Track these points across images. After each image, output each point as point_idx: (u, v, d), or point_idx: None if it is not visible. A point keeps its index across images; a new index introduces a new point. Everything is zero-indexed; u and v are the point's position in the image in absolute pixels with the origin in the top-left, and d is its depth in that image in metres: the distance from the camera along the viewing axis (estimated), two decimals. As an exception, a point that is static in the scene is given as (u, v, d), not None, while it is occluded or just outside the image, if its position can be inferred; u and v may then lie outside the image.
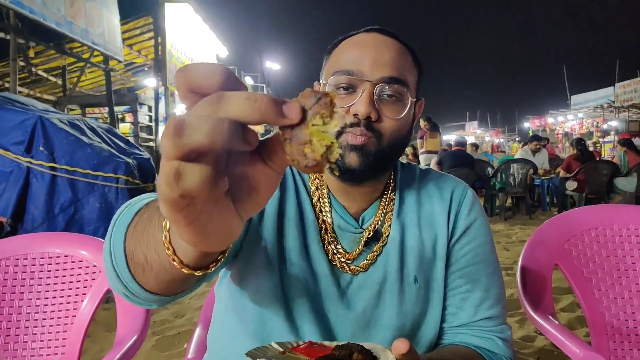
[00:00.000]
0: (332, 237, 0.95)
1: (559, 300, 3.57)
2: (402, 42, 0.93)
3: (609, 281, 1.42)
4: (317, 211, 0.96)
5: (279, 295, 0.90)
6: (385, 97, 0.87)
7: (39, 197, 3.54)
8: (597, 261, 1.44)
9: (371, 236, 0.95)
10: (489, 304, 0.98)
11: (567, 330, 1.24)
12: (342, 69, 0.88)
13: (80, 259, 1.41)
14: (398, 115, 0.88)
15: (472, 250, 0.99)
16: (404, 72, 0.89)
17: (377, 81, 0.86)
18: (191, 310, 3.51)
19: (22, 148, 3.53)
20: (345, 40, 0.95)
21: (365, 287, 0.94)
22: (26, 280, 1.39)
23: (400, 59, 0.90)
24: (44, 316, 1.36)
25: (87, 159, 3.68)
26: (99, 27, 7.38)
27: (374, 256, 0.95)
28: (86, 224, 3.62)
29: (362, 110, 0.84)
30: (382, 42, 0.90)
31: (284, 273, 0.91)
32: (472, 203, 1.03)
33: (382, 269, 0.94)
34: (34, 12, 5.40)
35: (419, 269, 0.96)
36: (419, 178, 1.05)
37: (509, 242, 6.02)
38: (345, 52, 0.91)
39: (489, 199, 8.57)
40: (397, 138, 0.90)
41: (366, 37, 0.92)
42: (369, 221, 0.97)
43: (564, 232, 1.47)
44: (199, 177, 0.33)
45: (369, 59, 0.87)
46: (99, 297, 1.37)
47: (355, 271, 0.94)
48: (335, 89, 0.88)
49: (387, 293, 0.94)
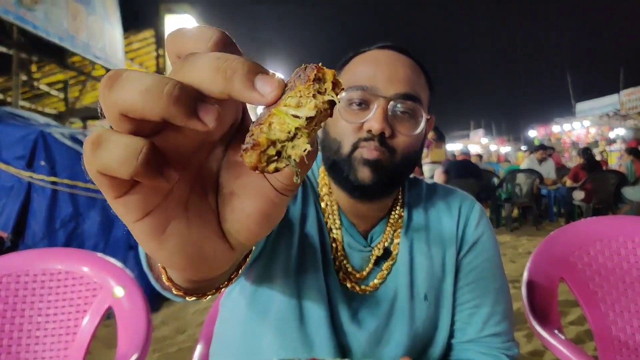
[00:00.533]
0: (342, 256, 0.94)
1: (567, 313, 3.53)
2: (415, 60, 0.94)
3: (615, 294, 1.41)
4: (327, 228, 0.96)
5: (294, 308, 0.90)
6: (398, 113, 0.88)
7: (39, 211, 3.53)
8: (602, 274, 1.43)
9: (381, 255, 0.95)
10: (496, 320, 0.97)
11: (573, 346, 1.22)
12: (356, 84, 0.88)
13: (81, 275, 1.40)
14: (411, 132, 0.88)
15: (480, 265, 0.99)
16: (417, 89, 0.90)
17: (391, 97, 0.86)
18: (193, 326, 3.49)
19: (23, 163, 3.52)
20: (358, 56, 0.95)
21: (376, 306, 0.93)
22: (27, 297, 1.37)
23: (413, 76, 0.90)
24: (45, 333, 1.35)
25: (88, 172, 3.67)
26: (100, 41, 7.43)
27: (384, 275, 0.95)
28: (87, 239, 3.61)
29: (376, 127, 0.84)
30: (396, 59, 0.91)
31: (301, 285, 0.91)
32: (480, 217, 1.03)
33: (392, 288, 0.94)
34: (37, 27, 5.45)
35: (428, 286, 0.95)
36: (426, 193, 1.05)
37: (515, 254, 5.97)
38: (358, 67, 0.92)
39: (494, 209, 8.50)
40: (410, 154, 0.90)
41: (379, 53, 0.92)
42: (378, 239, 0.97)
43: (568, 245, 1.45)
44: (122, 151, 0.25)
45: (383, 75, 0.88)
46: (100, 314, 1.36)
47: (365, 291, 0.94)
48: (348, 104, 0.88)
49: (398, 312, 0.93)
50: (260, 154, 0.27)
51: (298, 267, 0.91)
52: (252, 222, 0.34)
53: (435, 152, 9.65)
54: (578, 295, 1.41)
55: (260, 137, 0.27)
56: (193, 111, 0.26)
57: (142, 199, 0.29)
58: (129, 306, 1.34)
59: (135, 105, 0.25)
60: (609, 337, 1.37)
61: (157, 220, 0.31)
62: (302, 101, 0.27)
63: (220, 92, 0.27)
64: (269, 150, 0.27)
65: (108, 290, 1.37)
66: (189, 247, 0.32)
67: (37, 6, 5.42)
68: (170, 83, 0.26)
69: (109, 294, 1.37)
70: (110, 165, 0.26)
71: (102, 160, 0.26)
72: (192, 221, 0.32)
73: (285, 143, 0.27)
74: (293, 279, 0.90)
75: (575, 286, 1.41)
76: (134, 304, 1.34)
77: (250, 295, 0.94)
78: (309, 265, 0.92)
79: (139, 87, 0.25)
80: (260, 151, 0.27)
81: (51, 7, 5.76)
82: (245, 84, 0.26)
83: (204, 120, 0.26)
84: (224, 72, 0.26)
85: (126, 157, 0.25)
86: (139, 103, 0.25)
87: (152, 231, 0.31)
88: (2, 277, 1.38)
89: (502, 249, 6.13)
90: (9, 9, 4.88)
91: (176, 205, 0.32)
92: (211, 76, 0.26)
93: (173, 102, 0.25)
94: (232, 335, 0.98)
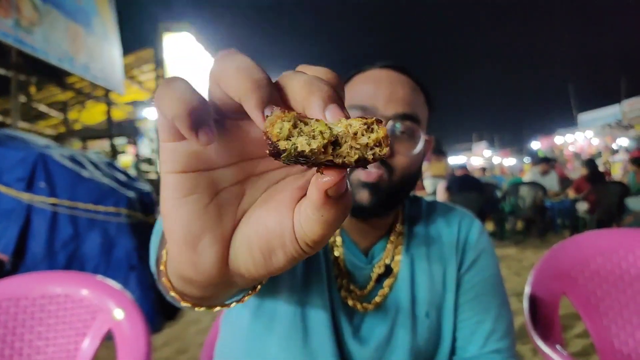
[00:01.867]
0: (345, 274, 0.95)
1: (573, 327, 3.51)
2: (415, 79, 0.95)
3: (617, 307, 1.40)
4: (329, 246, 0.96)
5: (299, 324, 0.90)
6: (397, 133, 0.88)
7: (39, 233, 3.53)
8: (604, 287, 1.42)
9: (382, 272, 0.95)
10: (498, 337, 0.97)
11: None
12: (356, 103, 0.89)
13: (80, 298, 1.40)
14: (410, 152, 0.89)
15: (481, 282, 0.99)
16: (416, 109, 0.91)
17: (391, 117, 0.87)
18: (195, 346, 3.46)
19: (23, 184, 3.53)
20: (359, 75, 0.96)
21: (378, 324, 0.93)
22: (26, 321, 1.37)
23: (413, 96, 0.91)
24: (45, 357, 1.35)
25: (88, 193, 3.68)
26: (100, 62, 7.48)
27: (385, 292, 0.95)
28: (87, 260, 3.60)
29: None
30: (396, 79, 0.91)
31: (306, 302, 0.91)
32: (480, 234, 1.03)
33: (393, 306, 0.94)
34: (36, 49, 5.49)
35: (430, 303, 0.96)
36: (426, 211, 1.06)
37: (520, 266, 5.94)
38: (358, 86, 0.93)
39: (498, 222, 8.44)
40: (409, 174, 0.91)
41: (380, 73, 0.93)
42: (379, 256, 0.97)
43: (569, 260, 1.45)
44: (179, 94, 0.29)
45: (383, 95, 0.89)
46: (100, 336, 1.36)
47: (367, 309, 0.94)
48: None
49: (400, 329, 0.93)
50: (278, 118, 0.28)
51: (303, 284, 0.92)
52: (257, 249, 0.34)
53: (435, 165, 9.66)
54: (580, 309, 1.40)
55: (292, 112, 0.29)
56: (262, 104, 0.29)
57: (183, 155, 0.32)
58: (128, 328, 1.33)
59: (227, 76, 0.30)
60: (611, 350, 1.36)
61: (186, 183, 0.33)
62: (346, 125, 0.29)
63: (298, 102, 0.30)
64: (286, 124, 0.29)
65: (108, 313, 1.37)
66: (192, 226, 0.34)
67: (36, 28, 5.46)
68: (262, 74, 0.30)
69: (108, 317, 1.36)
70: (164, 103, 0.29)
71: (163, 96, 0.29)
72: (210, 208, 0.34)
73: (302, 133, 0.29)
74: (297, 296, 0.91)
75: (577, 300, 1.41)
76: (133, 326, 1.33)
77: (255, 309, 0.94)
78: (313, 282, 0.92)
79: (239, 65, 0.30)
80: (282, 117, 0.29)
81: (50, 28, 5.81)
82: (320, 104, 0.29)
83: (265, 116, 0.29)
84: (310, 87, 0.30)
85: (177, 100, 0.29)
86: (231, 76, 0.29)
87: (177, 189, 0.33)
88: (1, 302, 1.37)
89: (507, 262, 6.11)
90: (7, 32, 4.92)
91: (209, 185, 0.34)
92: (300, 87, 0.30)
93: (253, 89, 0.29)
94: (235, 352, 0.97)
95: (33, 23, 5.45)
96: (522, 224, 8.72)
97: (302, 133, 0.29)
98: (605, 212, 7.45)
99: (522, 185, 8.16)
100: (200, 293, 0.42)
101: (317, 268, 0.93)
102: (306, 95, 0.29)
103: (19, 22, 5.15)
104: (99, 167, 4.17)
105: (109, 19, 8.05)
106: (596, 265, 1.44)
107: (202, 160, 0.33)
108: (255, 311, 0.93)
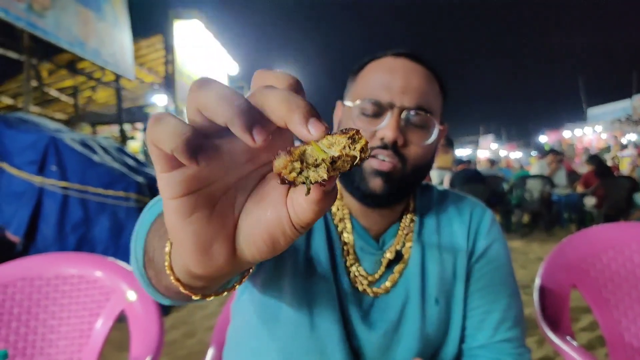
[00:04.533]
0: (354, 259, 0.95)
1: (579, 320, 3.52)
2: (429, 67, 0.94)
3: (628, 301, 1.40)
4: (338, 231, 0.97)
5: (304, 312, 0.90)
6: (411, 123, 0.89)
7: (50, 216, 3.56)
8: (615, 281, 1.42)
9: (392, 258, 0.96)
10: (508, 326, 0.97)
11: (585, 352, 1.22)
12: (370, 93, 0.89)
13: (94, 279, 1.41)
14: (424, 142, 0.90)
15: (491, 272, 0.99)
16: (430, 99, 0.91)
17: (405, 108, 0.87)
18: (202, 330, 3.50)
19: (35, 168, 3.56)
20: (373, 63, 0.95)
21: (387, 309, 0.94)
22: (41, 301, 1.39)
23: (427, 86, 0.91)
24: (58, 336, 1.36)
25: (98, 177, 3.71)
26: (110, 47, 7.48)
27: (396, 278, 0.95)
28: (97, 243, 3.63)
29: (389, 135, 0.86)
30: (411, 69, 0.91)
31: (310, 289, 0.91)
32: (491, 224, 1.03)
33: (403, 291, 0.94)
34: (47, 33, 5.49)
35: (439, 290, 0.96)
36: (437, 199, 1.06)
37: (526, 259, 5.94)
38: (373, 76, 0.92)
39: (504, 215, 8.45)
40: (421, 164, 0.91)
41: (395, 62, 0.92)
42: (390, 243, 0.97)
43: (581, 252, 1.45)
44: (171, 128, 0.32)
45: (398, 85, 0.88)
46: (113, 317, 1.37)
47: (377, 294, 0.94)
48: (361, 112, 0.90)
49: (409, 315, 0.94)
50: (288, 162, 0.33)
51: (306, 271, 0.92)
52: (261, 241, 0.38)
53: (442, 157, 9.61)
54: (591, 302, 1.40)
55: (295, 150, 0.34)
56: (249, 127, 0.31)
57: (182, 180, 0.35)
58: (141, 309, 1.35)
59: (209, 105, 0.32)
60: (621, 343, 1.36)
61: (188, 204, 0.36)
62: (334, 143, 0.34)
63: (280, 118, 0.33)
64: (296, 164, 0.34)
65: (121, 294, 1.38)
66: (202, 237, 0.37)
67: (47, 12, 5.46)
68: (242, 99, 0.32)
69: (121, 298, 1.38)
70: (160, 138, 0.32)
71: (156, 132, 0.32)
72: (214, 218, 0.37)
73: (310, 167, 0.34)
74: (301, 284, 0.91)
75: (588, 293, 1.41)
76: (146, 307, 1.35)
77: (259, 301, 0.95)
78: (317, 269, 0.92)
79: (218, 93, 0.32)
80: (290, 160, 0.33)
81: (61, 12, 5.81)
82: (301, 120, 0.32)
83: (254, 137, 0.32)
84: (289, 104, 0.32)
85: (173, 134, 0.31)
86: (213, 104, 0.32)
87: (180, 212, 0.36)
88: (17, 281, 1.39)
89: (513, 255, 6.05)
90: (20, 15, 4.93)
91: (208, 199, 0.37)
92: (278, 104, 0.33)
93: (237, 114, 0.31)
94: (244, 341, 0.99)
95: (45, 7, 5.45)
96: (529, 217, 8.69)
97: (308, 166, 0.34)
98: (613, 206, 7.42)
99: (529, 178, 8.12)
100: (208, 284, 0.46)
101: (321, 255, 0.93)
102: (286, 112, 0.32)
103: (31, 6, 5.15)
104: (109, 152, 4.19)
105: (119, 5, 8.04)
106: (608, 258, 1.44)
107: (199, 180, 0.36)
108: (259, 303, 0.94)
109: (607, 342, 1.37)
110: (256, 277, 0.94)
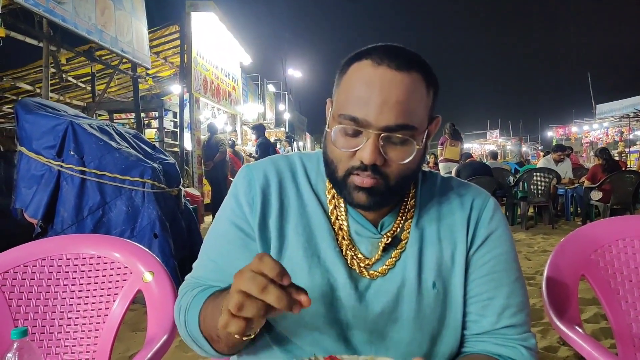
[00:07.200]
0: (349, 243, 0.96)
1: (583, 311, 3.52)
2: (412, 68, 0.87)
3: (637, 293, 1.41)
4: (333, 219, 0.98)
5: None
6: (392, 142, 0.86)
7: (68, 199, 3.63)
8: (624, 272, 1.43)
9: (390, 242, 0.96)
10: (512, 312, 0.96)
11: (594, 341, 1.23)
12: (348, 113, 0.86)
13: (112, 260, 1.45)
14: (404, 159, 0.87)
15: (494, 259, 0.98)
16: (411, 114, 0.86)
17: (383, 129, 0.84)
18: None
19: (53, 152, 3.62)
20: (354, 67, 0.89)
21: (384, 291, 0.95)
22: (60, 280, 1.43)
23: (409, 97, 0.85)
24: (77, 315, 1.40)
25: (115, 163, 3.76)
26: (127, 35, 7.53)
27: (393, 262, 0.96)
28: (113, 227, 3.70)
29: (367, 158, 0.84)
30: (390, 81, 0.85)
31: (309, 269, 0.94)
32: (494, 212, 1.02)
33: (400, 275, 0.95)
34: (66, 20, 5.54)
35: (437, 275, 0.96)
36: (440, 186, 1.05)
37: (530, 251, 5.91)
38: (352, 87, 0.88)
39: (510, 207, 8.50)
40: (405, 177, 0.90)
41: (374, 73, 0.86)
42: (388, 227, 0.98)
43: (590, 243, 1.46)
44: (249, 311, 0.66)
45: (375, 103, 0.84)
46: (130, 298, 1.41)
47: (373, 276, 0.95)
48: (341, 132, 0.88)
49: (405, 298, 0.94)
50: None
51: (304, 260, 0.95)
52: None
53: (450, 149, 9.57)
54: (599, 292, 1.41)
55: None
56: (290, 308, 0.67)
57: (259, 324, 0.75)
58: (157, 290, 1.38)
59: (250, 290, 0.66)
60: (629, 335, 1.37)
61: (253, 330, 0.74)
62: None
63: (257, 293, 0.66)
64: None
65: (138, 275, 1.42)
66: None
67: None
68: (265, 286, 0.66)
69: (138, 279, 1.42)
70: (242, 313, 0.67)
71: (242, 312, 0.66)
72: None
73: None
74: (299, 273, 0.93)
75: (597, 284, 1.42)
76: (162, 288, 1.39)
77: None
78: (315, 255, 0.95)
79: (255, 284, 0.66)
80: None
81: (80, 1, 5.86)
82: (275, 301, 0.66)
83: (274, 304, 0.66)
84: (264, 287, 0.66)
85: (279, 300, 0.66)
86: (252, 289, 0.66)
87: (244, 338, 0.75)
88: (37, 260, 1.43)
89: (517, 247, 6.07)
90: (39, 1, 4.98)
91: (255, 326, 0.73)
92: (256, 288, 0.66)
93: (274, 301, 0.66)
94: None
95: (64, -7, 5.50)
96: (534, 209, 8.67)
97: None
98: (620, 200, 7.39)
99: (535, 172, 8.11)
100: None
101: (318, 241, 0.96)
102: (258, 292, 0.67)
103: (51, -8, 5.20)
104: (126, 139, 4.24)
105: (136, -6, 8.08)
106: (618, 250, 1.45)
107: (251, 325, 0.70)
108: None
109: (615, 333, 1.38)
110: None
